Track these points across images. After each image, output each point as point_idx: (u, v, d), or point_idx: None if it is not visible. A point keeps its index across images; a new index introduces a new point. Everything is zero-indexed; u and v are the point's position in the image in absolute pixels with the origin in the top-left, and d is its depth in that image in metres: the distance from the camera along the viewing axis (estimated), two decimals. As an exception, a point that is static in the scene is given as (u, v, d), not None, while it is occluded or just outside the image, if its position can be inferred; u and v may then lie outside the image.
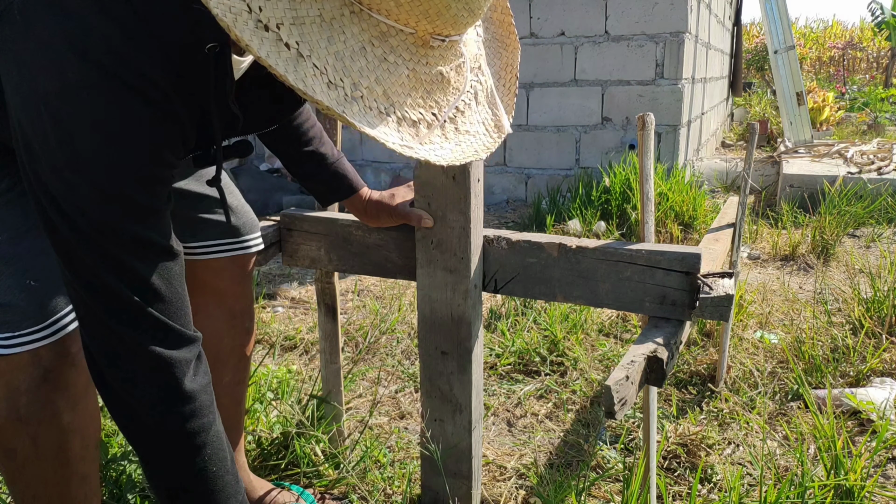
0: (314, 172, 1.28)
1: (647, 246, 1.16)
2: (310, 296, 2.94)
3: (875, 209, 3.78)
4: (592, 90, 4.39)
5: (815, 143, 5.45)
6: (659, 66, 4.19)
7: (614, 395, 0.90)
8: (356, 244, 1.39)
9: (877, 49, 14.98)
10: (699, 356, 2.18)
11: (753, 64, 10.96)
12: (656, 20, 4.13)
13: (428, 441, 1.32)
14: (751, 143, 1.80)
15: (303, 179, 1.30)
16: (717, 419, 1.84)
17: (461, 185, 1.16)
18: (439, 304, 1.25)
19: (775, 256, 3.33)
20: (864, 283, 2.79)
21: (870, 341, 2.23)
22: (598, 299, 1.19)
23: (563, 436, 1.80)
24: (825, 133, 6.75)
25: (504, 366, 2.19)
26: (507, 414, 1.93)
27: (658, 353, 1.00)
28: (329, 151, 1.28)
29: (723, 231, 1.84)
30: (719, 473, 1.60)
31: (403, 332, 2.49)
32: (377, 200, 1.29)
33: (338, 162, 1.30)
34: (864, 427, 1.79)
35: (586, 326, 2.41)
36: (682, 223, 3.63)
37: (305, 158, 1.26)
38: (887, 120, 8.08)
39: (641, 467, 1.26)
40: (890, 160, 4.41)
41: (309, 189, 1.32)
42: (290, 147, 1.25)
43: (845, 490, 1.39)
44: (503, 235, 1.25)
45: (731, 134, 8.07)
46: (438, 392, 1.31)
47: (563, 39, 4.37)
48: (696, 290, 1.09)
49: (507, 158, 4.73)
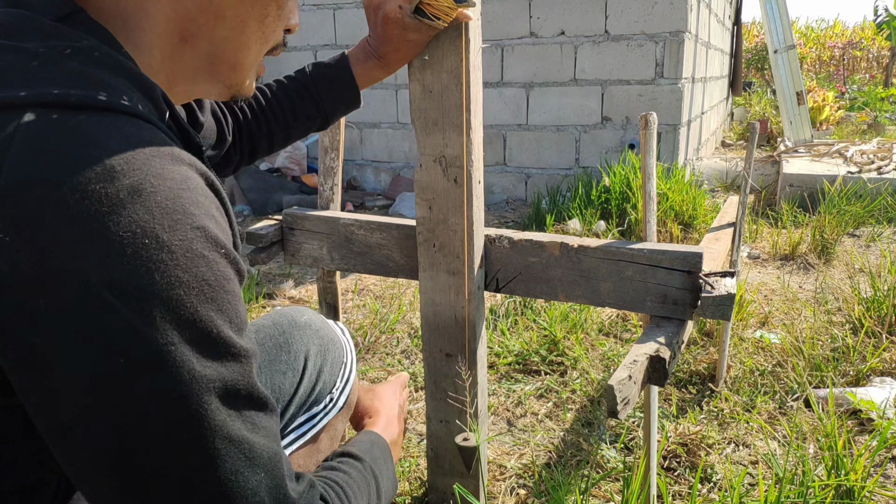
0: (301, 105, 1.17)
1: (649, 245, 1.16)
2: (309, 295, 2.94)
3: (875, 208, 3.79)
4: (592, 90, 4.39)
5: (815, 143, 5.45)
6: (659, 66, 4.19)
7: (617, 395, 0.90)
8: (358, 243, 1.39)
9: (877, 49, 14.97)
10: (699, 356, 2.18)
11: (753, 63, 10.96)
12: (656, 20, 4.13)
13: (434, 442, 1.32)
14: (751, 143, 1.80)
15: (304, 115, 1.17)
16: (717, 419, 1.85)
17: (462, 188, 1.17)
18: (443, 307, 1.26)
19: (775, 256, 3.34)
20: (864, 282, 2.79)
21: (870, 341, 2.23)
22: (600, 299, 1.19)
23: (563, 435, 1.81)
24: (825, 132, 6.75)
25: (504, 365, 2.19)
26: (506, 413, 1.93)
27: (660, 353, 1.00)
28: (292, 80, 1.16)
29: (723, 230, 1.84)
30: (719, 473, 1.60)
31: (403, 332, 2.49)
32: (371, 36, 1.12)
33: (311, 75, 1.16)
34: (864, 427, 1.79)
35: (586, 326, 2.41)
36: (682, 223, 3.63)
37: (279, 111, 1.15)
38: (887, 119, 8.08)
39: (641, 467, 1.26)
40: (890, 160, 4.41)
41: (328, 107, 1.18)
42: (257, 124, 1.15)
43: (846, 490, 1.39)
44: (505, 235, 1.25)
45: (731, 133, 8.07)
46: (443, 394, 1.31)
47: (563, 39, 4.37)
48: (698, 290, 1.09)
49: (507, 158, 4.73)
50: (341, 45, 5.01)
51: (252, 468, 0.56)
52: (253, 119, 1.16)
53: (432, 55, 1.12)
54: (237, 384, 0.55)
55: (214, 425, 0.53)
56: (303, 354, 1.01)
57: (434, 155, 1.17)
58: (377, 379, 2.16)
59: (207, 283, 0.54)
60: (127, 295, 0.50)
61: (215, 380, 0.53)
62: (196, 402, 0.52)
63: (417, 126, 1.17)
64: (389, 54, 1.12)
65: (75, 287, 0.49)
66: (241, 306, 0.58)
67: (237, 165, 1.21)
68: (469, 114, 1.13)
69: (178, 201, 0.53)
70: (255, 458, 0.56)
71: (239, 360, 0.56)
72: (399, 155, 5.10)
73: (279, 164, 5.07)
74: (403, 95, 4.89)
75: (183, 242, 0.52)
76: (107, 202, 0.51)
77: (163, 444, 0.52)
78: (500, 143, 4.71)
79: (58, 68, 0.56)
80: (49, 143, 0.52)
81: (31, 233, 0.49)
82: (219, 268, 0.55)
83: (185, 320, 0.52)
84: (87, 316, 0.50)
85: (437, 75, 1.13)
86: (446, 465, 1.38)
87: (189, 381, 0.52)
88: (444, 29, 1.08)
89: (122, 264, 0.50)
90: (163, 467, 0.52)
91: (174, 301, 0.51)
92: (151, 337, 0.50)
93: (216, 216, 0.57)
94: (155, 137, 0.56)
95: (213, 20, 0.67)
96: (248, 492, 0.55)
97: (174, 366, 0.51)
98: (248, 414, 0.56)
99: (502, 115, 4.64)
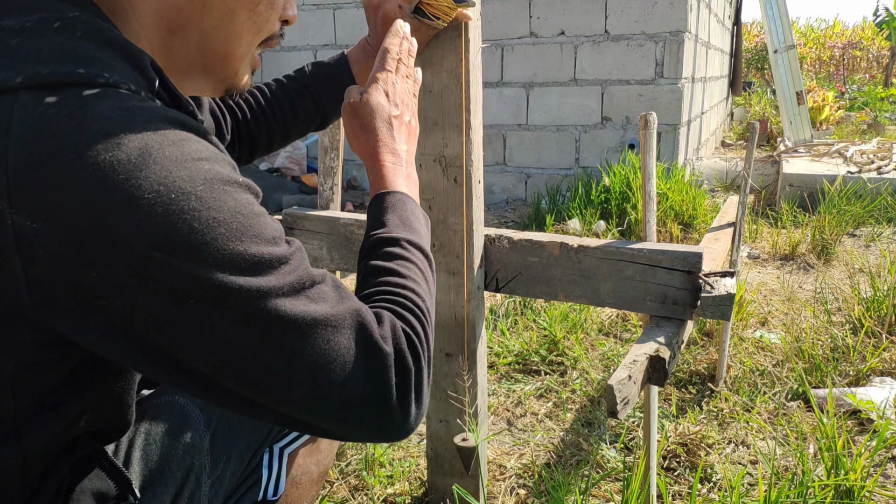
0: (300, 103, 1.16)
1: (649, 245, 1.16)
2: (310, 295, 2.94)
3: (875, 208, 3.79)
4: (592, 90, 4.39)
5: (815, 143, 5.45)
6: (659, 66, 4.19)
7: (617, 395, 0.90)
8: (358, 243, 1.39)
9: (877, 49, 14.98)
10: (699, 355, 2.18)
11: (753, 63, 10.96)
12: (656, 19, 4.13)
13: (434, 442, 1.32)
14: (751, 143, 1.80)
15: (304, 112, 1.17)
16: (717, 419, 1.85)
17: (462, 188, 1.17)
18: (443, 307, 1.26)
19: (775, 256, 3.34)
20: (864, 282, 2.79)
21: (869, 340, 2.23)
22: (600, 298, 1.19)
23: (563, 435, 1.81)
24: (825, 132, 6.75)
25: (504, 365, 2.19)
26: (506, 413, 1.93)
27: (660, 353, 1.00)
28: (291, 79, 1.17)
29: (723, 230, 1.84)
30: (719, 473, 1.60)
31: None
32: (372, 36, 1.12)
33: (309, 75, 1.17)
34: (863, 426, 1.79)
35: (586, 326, 2.41)
36: (682, 222, 3.63)
37: (279, 109, 1.17)
38: (887, 119, 8.08)
39: (641, 466, 1.26)
40: (890, 159, 4.41)
41: (327, 105, 1.18)
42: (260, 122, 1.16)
43: (845, 490, 1.39)
44: (505, 235, 1.25)
45: (731, 133, 8.08)
46: (443, 394, 1.31)
47: (563, 39, 4.37)
48: (698, 290, 1.09)
49: (507, 158, 4.73)
50: (341, 45, 5.01)
51: (337, 331, 0.61)
52: (252, 118, 1.16)
53: (432, 55, 1.12)
54: (296, 283, 0.60)
55: (296, 320, 0.58)
56: None
57: (434, 155, 1.17)
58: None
59: (241, 214, 0.57)
60: (175, 249, 0.53)
61: (277, 288, 0.58)
62: (273, 313, 0.57)
63: (417, 126, 1.17)
64: None
65: (122, 258, 0.51)
66: (269, 219, 0.61)
67: (237, 164, 1.20)
68: (469, 114, 1.13)
69: (184, 151, 0.55)
70: (338, 323, 0.61)
71: (289, 262, 0.60)
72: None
73: (279, 163, 5.07)
74: (403, 95, 4.88)
75: (205, 186, 0.55)
76: (121, 169, 0.52)
77: (263, 362, 0.57)
78: (500, 143, 4.71)
79: (43, 44, 0.56)
80: (49, 125, 0.52)
81: (58, 216, 0.50)
82: (242, 196, 0.58)
83: (234, 253, 0.55)
84: (143, 278, 0.52)
85: (437, 75, 1.13)
86: (446, 465, 1.38)
87: (258, 298, 0.56)
88: (443, 29, 1.08)
89: (158, 224, 0.52)
90: (268, 371, 0.58)
91: (219, 240, 0.54)
92: (210, 277, 0.54)
93: (220, 154, 0.60)
94: (143, 104, 0.57)
95: (201, 10, 0.66)
96: (344, 351, 0.61)
97: (239, 293, 0.55)
98: (312, 293, 0.61)
99: (502, 115, 4.64)
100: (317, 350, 0.60)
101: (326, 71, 1.17)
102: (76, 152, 0.51)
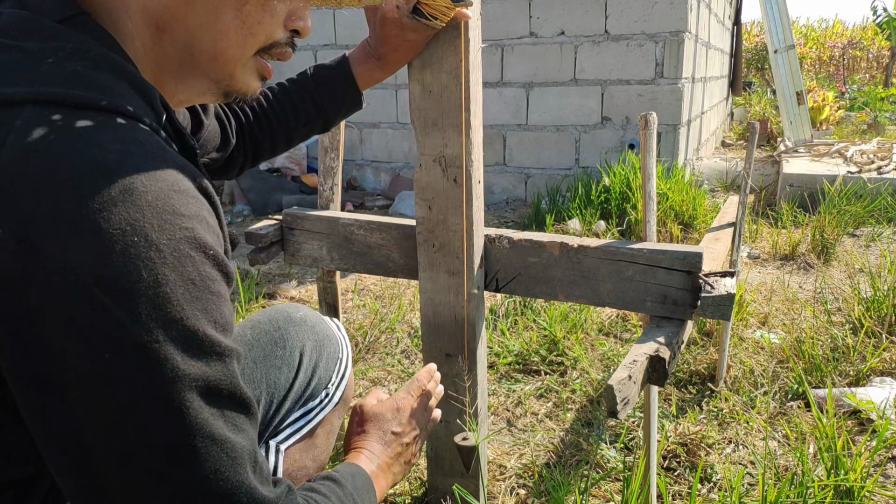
0: (302, 108, 1.17)
1: (649, 245, 1.16)
2: (309, 295, 2.94)
3: (875, 208, 3.79)
4: (592, 90, 4.39)
5: (815, 143, 5.45)
6: (659, 66, 4.19)
7: (617, 395, 0.90)
8: (358, 243, 1.39)
9: (877, 49, 14.97)
10: (699, 355, 2.18)
11: (753, 63, 10.96)
12: (656, 19, 4.13)
13: (434, 442, 1.32)
14: (751, 143, 1.80)
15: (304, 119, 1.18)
16: (717, 419, 1.85)
17: (462, 188, 1.17)
18: (442, 308, 1.26)
19: (775, 256, 3.34)
20: (864, 282, 2.79)
21: (870, 341, 2.23)
22: (600, 299, 1.19)
23: (563, 435, 1.81)
24: (825, 132, 6.75)
25: (504, 365, 2.19)
26: (506, 413, 1.93)
27: (660, 353, 1.00)
28: (295, 83, 1.18)
29: (723, 230, 1.84)
30: (719, 473, 1.60)
31: (403, 332, 2.49)
32: (371, 38, 1.14)
33: (313, 78, 1.17)
34: (863, 426, 1.79)
35: (586, 326, 2.41)
36: (682, 223, 3.63)
37: (281, 115, 1.17)
38: (887, 119, 8.08)
39: (641, 466, 1.26)
40: (890, 159, 4.41)
41: (329, 109, 1.19)
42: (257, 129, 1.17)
43: (845, 490, 1.39)
44: (505, 235, 1.25)
45: (731, 133, 8.07)
46: (444, 394, 1.31)
47: (563, 39, 4.37)
48: (698, 290, 1.09)
49: (507, 158, 4.73)
50: (341, 45, 5.01)
51: (232, 468, 0.56)
52: (255, 121, 1.17)
53: (431, 55, 1.12)
54: (220, 383, 0.56)
55: (196, 423, 0.54)
56: (298, 350, 1.01)
57: (434, 155, 1.17)
58: (377, 379, 2.16)
59: (193, 283, 0.54)
60: (115, 291, 0.51)
61: (198, 378, 0.54)
62: (178, 399, 0.53)
63: (417, 126, 1.17)
64: (388, 55, 1.12)
65: (66, 283, 0.50)
66: (227, 308, 0.58)
67: (241, 167, 1.21)
68: (468, 114, 1.13)
69: (168, 202, 0.54)
70: (236, 458, 0.56)
71: (223, 360, 0.56)
72: (399, 155, 5.10)
73: (279, 164, 5.07)
74: (403, 95, 4.89)
75: (171, 242, 0.53)
76: (99, 200, 0.51)
77: (143, 440, 0.52)
78: (500, 143, 4.71)
79: (58, 68, 0.57)
80: (45, 141, 0.52)
81: (24, 228, 0.50)
82: (205, 268, 0.55)
83: (170, 318, 0.52)
84: (76, 311, 0.50)
85: (437, 75, 1.13)
86: (446, 465, 1.38)
87: (172, 379, 0.52)
88: (442, 29, 1.08)
89: (111, 261, 0.51)
90: (142, 462, 0.53)
91: (160, 298, 0.52)
92: (136, 333, 0.51)
93: (206, 218, 0.58)
94: (150, 140, 0.57)
95: (184, 7, 0.66)
96: (227, 490, 0.56)
97: (158, 362, 0.52)
98: (230, 414, 0.57)
99: (502, 115, 4.64)
100: (204, 472, 0.55)
101: (328, 73, 1.17)
102: (63, 173, 0.51)
